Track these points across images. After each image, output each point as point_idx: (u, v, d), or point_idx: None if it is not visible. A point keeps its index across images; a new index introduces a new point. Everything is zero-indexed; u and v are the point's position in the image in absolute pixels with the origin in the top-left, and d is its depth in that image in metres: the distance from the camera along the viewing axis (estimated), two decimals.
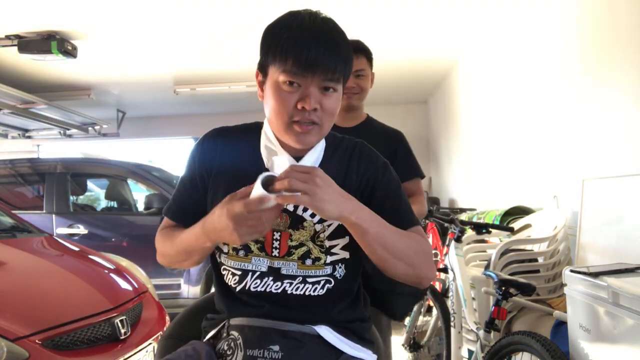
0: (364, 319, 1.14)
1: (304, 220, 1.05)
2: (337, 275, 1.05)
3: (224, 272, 1.09)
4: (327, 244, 1.05)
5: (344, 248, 1.06)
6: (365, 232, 0.94)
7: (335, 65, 0.97)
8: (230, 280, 1.07)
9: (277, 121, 1.01)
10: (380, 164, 1.10)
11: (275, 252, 1.05)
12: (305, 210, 1.05)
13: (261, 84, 1.05)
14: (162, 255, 1.12)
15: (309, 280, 1.04)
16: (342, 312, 1.08)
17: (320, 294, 1.04)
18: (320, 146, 1.08)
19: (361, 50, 1.92)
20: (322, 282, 1.04)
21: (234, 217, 0.87)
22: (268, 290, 1.04)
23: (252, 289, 1.04)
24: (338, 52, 0.97)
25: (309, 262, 1.04)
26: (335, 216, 0.91)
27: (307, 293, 1.04)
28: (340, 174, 1.07)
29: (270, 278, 1.04)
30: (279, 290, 1.03)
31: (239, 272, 1.06)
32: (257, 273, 1.05)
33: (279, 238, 1.05)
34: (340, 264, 1.06)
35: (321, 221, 1.05)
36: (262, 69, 1.03)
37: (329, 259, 1.05)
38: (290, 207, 1.05)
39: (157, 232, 1.14)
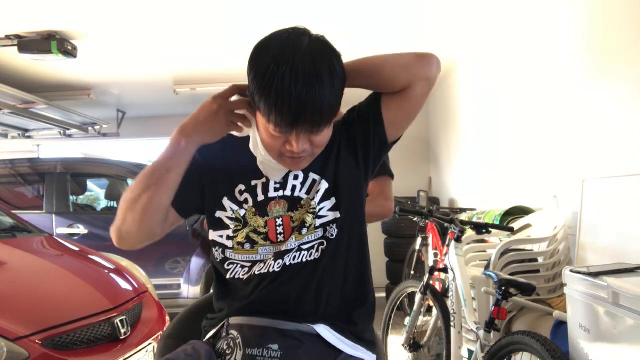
0: (365, 316, 1.13)
1: (300, 199, 1.08)
2: (329, 236, 1.07)
3: (230, 267, 1.09)
4: (317, 208, 1.07)
5: (332, 209, 1.08)
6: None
7: (320, 119, 0.94)
8: (239, 273, 1.08)
9: (269, 153, 1.03)
10: (339, 124, 1.14)
11: (281, 237, 1.07)
12: (301, 189, 1.08)
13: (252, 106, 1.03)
14: (126, 216, 1.02)
15: (304, 247, 1.06)
16: (341, 288, 1.08)
17: (316, 257, 1.06)
18: None
19: None
20: (316, 246, 1.06)
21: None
22: (271, 270, 1.05)
23: (256, 272, 1.06)
24: (322, 104, 0.92)
25: (304, 231, 1.06)
26: None
27: (304, 260, 1.06)
28: (326, 154, 1.10)
29: (272, 258, 1.06)
30: (280, 268, 1.05)
31: (248, 264, 1.08)
32: (265, 261, 1.07)
33: (281, 223, 1.07)
34: (331, 225, 1.07)
35: (314, 195, 1.08)
36: (252, 99, 0.99)
37: (318, 222, 1.07)
38: (288, 192, 1.08)
39: None
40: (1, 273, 2.17)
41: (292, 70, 0.90)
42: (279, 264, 1.05)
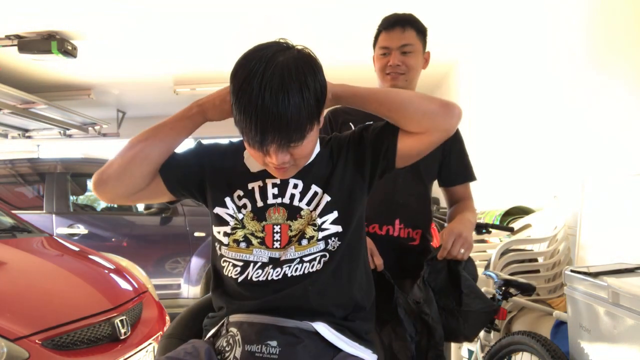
0: (365, 317, 1.14)
1: (301, 209, 1.09)
2: (331, 248, 1.08)
3: (224, 264, 1.11)
4: (319, 221, 1.08)
5: (334, 222, 1.09)
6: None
7: (290, 134, 0.93)
8: (232, 272, 1.09)
9: (257, 162, 1.06)
10: (347, 140, 1.15)
11: (277, 244, 1.08)
12: (301, 200, 1.10)
13: None
14: (114, 161, 1.06)
15: (306, 259, 1.07)
16: (342, 295, 1.09)
17: (318, 269, 1.07)
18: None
19: (410, 22, 1.63)
20: (318, 258, 1.07)
21: None
22: (270, 278, 1.06)
23: (254, 279, 1.07)
24: (289, 119, 0.91)
25: (304, 242, 1.07)
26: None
27: (305, 272, 1.06)
28: (329, 169, 1.12)
29: (270, 266, 1.07)
30: (280, 276, 1.06)
31: (240, 264, 1.08)
32: (259, 264, 1.07)
33: (279, 231, 1.08)
34: (333, 237, 1.08)
35: (316, 208, 1.09)
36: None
37: (321, 234, 1.08)
38: (287, 200, 1.10)
39: None
40: (1, 273, 2.17)
41: (261, 86, 0.90)
42: (277, 272, 1.06)
